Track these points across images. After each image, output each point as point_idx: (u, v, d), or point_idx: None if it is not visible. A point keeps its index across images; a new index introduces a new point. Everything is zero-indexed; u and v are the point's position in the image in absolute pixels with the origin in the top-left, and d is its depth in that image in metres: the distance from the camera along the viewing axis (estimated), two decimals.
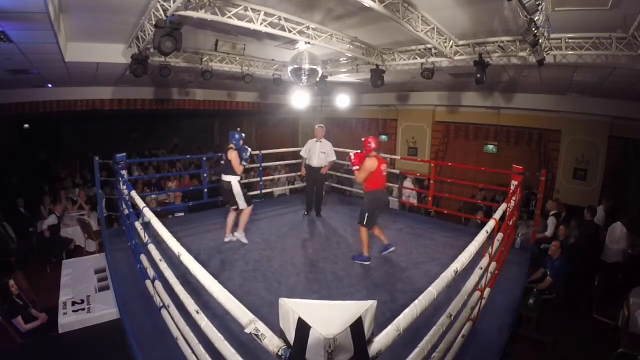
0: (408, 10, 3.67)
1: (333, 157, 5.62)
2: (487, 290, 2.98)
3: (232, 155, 4.29)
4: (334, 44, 4.69)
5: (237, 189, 4.39)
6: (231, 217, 4.62)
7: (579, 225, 6.08)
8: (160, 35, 3.57)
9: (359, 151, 4.10)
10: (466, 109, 9.15)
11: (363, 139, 4.02)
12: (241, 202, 4.44)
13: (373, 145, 3.94)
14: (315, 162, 5.54)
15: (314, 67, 4.63)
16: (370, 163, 3.86)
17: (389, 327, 1.42)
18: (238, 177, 4.42)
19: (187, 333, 2.24)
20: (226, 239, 4.62)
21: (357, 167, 3.97)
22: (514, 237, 4.62)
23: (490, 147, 8.81)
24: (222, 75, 6.83)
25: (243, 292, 3.39)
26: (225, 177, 4.40)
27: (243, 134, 4.50)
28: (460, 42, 4.65)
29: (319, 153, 5.51)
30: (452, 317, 2.02)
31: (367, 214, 3.95)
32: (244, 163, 4.41)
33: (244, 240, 4.59)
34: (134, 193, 3.42)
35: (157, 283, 2.81)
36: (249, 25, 3.80)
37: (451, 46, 4.68)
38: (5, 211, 6.89)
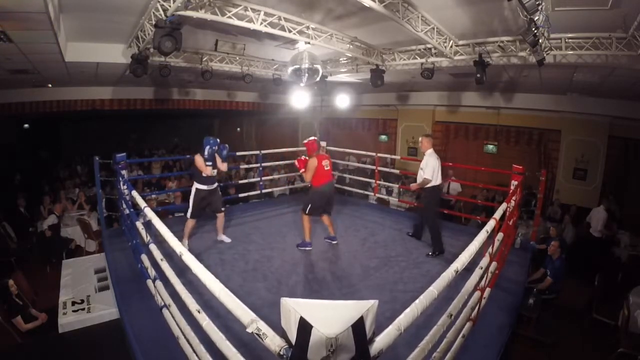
0: (408, 10, 3.67)
1: (427, 175, 4.35)
2: (487, 290, 2.98)
3: (196, 160, 4.21)
4: (334, 44, 4.70)
5: (192, 195, 4.32)
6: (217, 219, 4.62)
7: (574, 223, 6.07)
8: (160, 35, 3.57)
9: (302, 157, 4.48)
10: (466, 109, 9.16)
11: (305, 143, 4.41)
12: (189, 210, 4.36)
13: (314, 147, 4.37)
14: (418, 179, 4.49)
15: (314, 67, 4.63)
16: (312, 162, 4.27)
17: (390, 326, 1.42)
18: (198, 185, 4.29)
19: (188, 333, 2.24)
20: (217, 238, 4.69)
21: (302, 169, 4.36)
22: (514, 237, 4.63)
23: (490, 147, 8.81)
24: (222, 75, 6.83)
25: (244, 292, 3.39)
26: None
27: (215, 140, 4.25)
28: (460, 42, 4.65)
29: (420, 169, 4.46)
30: (452, 317, 2.02)
31: (310, 205, 4.34)
32: (209, 163, 4.19)
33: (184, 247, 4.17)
34: (135, 193, 3.42)
35: (158, 283, 2.81)
36: (249, 25, 3.80)
37: (451, 46, 4.69)
38: (5, 211, 6.89)
